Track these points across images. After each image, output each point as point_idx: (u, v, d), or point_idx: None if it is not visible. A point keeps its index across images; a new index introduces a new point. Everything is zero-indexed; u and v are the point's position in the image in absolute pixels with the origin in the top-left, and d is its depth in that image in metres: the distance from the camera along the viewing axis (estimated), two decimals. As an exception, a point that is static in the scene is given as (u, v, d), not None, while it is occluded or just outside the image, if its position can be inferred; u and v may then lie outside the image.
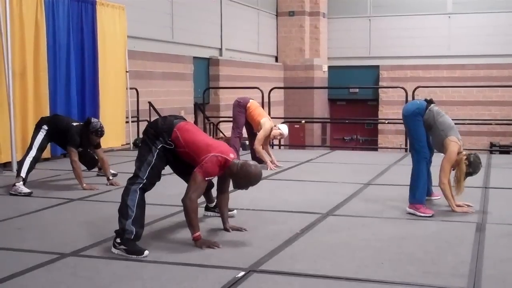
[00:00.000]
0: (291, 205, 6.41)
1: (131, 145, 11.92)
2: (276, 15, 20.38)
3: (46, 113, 9.30)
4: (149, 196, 4.96)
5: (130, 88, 11.92)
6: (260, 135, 9.26)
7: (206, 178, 4.80)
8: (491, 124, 17.36)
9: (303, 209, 6.21)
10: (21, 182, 7.30)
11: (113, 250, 4.68)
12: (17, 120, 9.14)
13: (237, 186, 4.96)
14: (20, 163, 7.49)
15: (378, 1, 20.72)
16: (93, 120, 7.62)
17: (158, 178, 4.99)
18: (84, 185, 7.43)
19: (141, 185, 4.83)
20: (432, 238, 5.08)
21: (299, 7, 20.13)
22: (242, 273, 4.14)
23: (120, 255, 4.58)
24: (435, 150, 6.38)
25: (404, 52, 20.33)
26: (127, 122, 11.84)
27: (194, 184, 4.76)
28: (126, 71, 11.72)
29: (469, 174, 6.02)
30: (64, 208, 6.44)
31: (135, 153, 5.19)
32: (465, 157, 5.99)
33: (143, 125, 5.43)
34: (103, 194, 7.16)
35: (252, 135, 9.63)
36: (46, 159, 9.52)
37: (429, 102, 6.16)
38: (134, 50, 12.43)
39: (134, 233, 4.65)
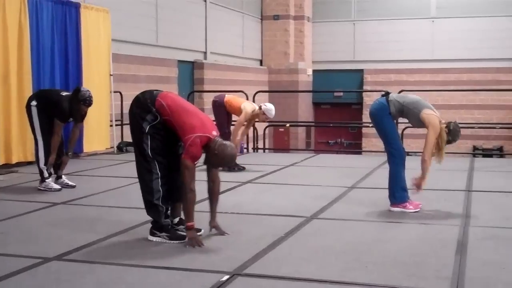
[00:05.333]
0: (275, 209, 6.41)
1: (115, 148, 11.87)
2: (261, 19, 20.40)
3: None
4: (133, 199, 4.96)
5: (114, 92, 11.88)
6: (241, 118, 9.16)
7: (195, 162, 4.87)
8: (474, 127, 17.47)
9: (288, 212, 6.21)
10: (50, 179, 7.48)
11: (152, 238, 5.05)
12: (0, 123, 9.07)
13: (208, 162, 5.00)
14: (36, 159, 7.54)
15: (362, 6, 20.80)
16: (82, 88, 7.59)
17: (167, 157, 5.06)
18: (52, 156, 7.43)
19: (159, 179, 5.01)
20: (415, 241, 5.10)
21: (283, 11, 20.17)
22: (226, 277, 4.14)
23: (103, 260, 4.56)
24: (409, 153, 6.47)
25: (388, 56, 20.42)
26: (111, 125, 11.80)
27: (188, 173, 4.82)
28: (110, 75, 11.68)
29: (449, 141, 6.16)
30: (48, 212, 6.40)
31: (119, 156, 5.19)
32: (445, 125, 6.13)
33: (127, 129, 5.43)
34: (87, 198, 7.12)
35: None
36: (30, 163, 9.46)
37: (386, 94, 6.29)
38: (118, 53, 12.39)
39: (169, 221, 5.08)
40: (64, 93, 7.67)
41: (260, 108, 9.26)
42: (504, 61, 19.39)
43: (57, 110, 7.38)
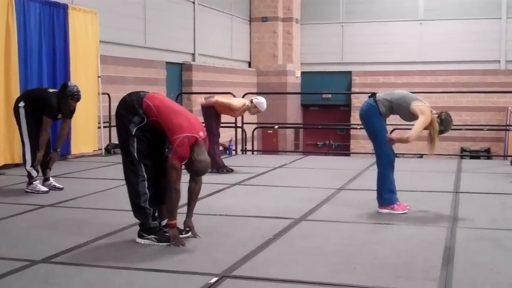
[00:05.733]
0: (264, 211, 6.41)
1: (103, 150, 11.83)
2: (249, 21, 20.41)
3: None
4: (121, 202, 4.94)
5: (102, 93, 11.84)
6: (234, 105, 9.20)
7: (182, 162, 4.90)
8: (461, 129, 17.55)
9: (276, 214, 6.21)
10: (38, 181, 7.45)
11: (140, 240, 5.05)
12: (-13, 125, 9.04)
13: (185, 166, 5.01)
14: (24, 161, 7.51)
15: (351, 8, 20.86)
16: (70, 83, 7.58)
17: (153, 159, 5.06)
18: (40, 153, 7.40)
19: (145, 181, 5.00)
20: (403, 242, 5.12)
21: (272, 13, 20.19)
22: (215, 279, 4.13)
23: (91, 262, 4.55)
24: (397, 155, 6.50)
25: (376, 58, 20.50)
26: (99, 127, 11.76)
27: (174, 173, 4.85)
28: (98, 76, 11.65)
29: (441, 131, 6.18)
30: (35, 215, 6.37)
31: (107, 158, 5.19)
32: (436, 115, 6.16)
33: (115, 131, 5.41)
34: (74, 200, 7.09)
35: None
36: (17, 165, 9.41)
37: (373, 95, 6.32)
38: (106, 55, 12.35)
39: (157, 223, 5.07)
40: (51, 90, 7.67)
41: (251, 101, 9.26)
42: (491, 63, 19.52)
43: (46, 106, 7.34)
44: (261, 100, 9.28)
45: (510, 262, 4.56)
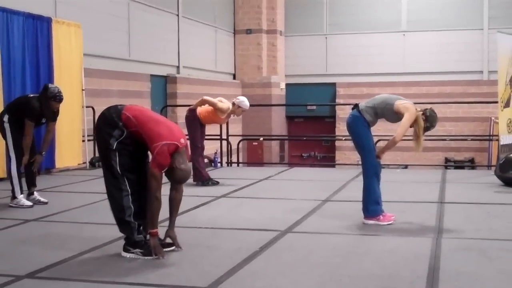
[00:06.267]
0: (250, 223, 6.40)
1: (88, 164, 11.78)
2: (234, 33, 20.45)
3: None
4: (106, 216, 4.91)
5: (87, 107, 11.80)
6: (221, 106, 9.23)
7: (162, 170, 4.90)
8: (445, 139, 17.66)
9: (262, 226, 6.21)
10: (22, 195, 7.41)
11: (126, 254, 5.01)
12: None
13: (166, 174, 4.99)
14: (9, 175, 7.49)
15: (335, 19, 20.96)
16: (50, 85, 7.57)
17: (136, 173, 5.05)
18: (26, 157, 7.37)
19: (129, 195, 4.98)
20: (389, 253, 5.13)
21: (256, 25, 20.25)
22: (201, 292, 4.12)
23: (76, 277, 4.51)
24: (383, 166, 6.52)
25: (360, 69, 20.59)
26: (83, 141, 11.71)
27: (155, 181, 4.86)
28: (82, 89, 11.62)
29: (427, 128, 6.23)
30: (19, 229, 6.31)
31: (92, 172, 5.18)
32: (421, 112, 6.19)
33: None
34: (59, 214, 7.04)
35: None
36: (1, 179, 9.34)
37: (355, 106, 6.37)
38: (90, 68, 12.31)
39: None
40: (32, 95, 7.67)
41: (233, 104, 9.26)
42: (474, 73, 19.67)
43: (28, 110, 7.32)
44: (242, 99, 9.35)
45: (495, 272, 4.58)
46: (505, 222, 6.38)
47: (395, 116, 6.22)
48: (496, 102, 10.66)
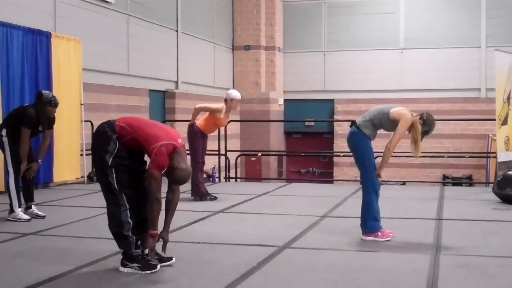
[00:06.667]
0: (248, 238, 6.40)
1: (86, 178, 11.76)
2: (232, 49, 20.52)
3: None
4: (104, 230, 4.90)
5: (85, 121, 11.81)
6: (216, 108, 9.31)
7: (162, 171, 4.90)
8: (443, 156, 17.68)
9: (260, 242, 6.20)
10: (20, 209, 7.41)
11: (123, 269, 4.98)
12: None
13: (165, 174, 5.00)
14: (7, 189, 7.48)
15: (333, 36, 21.04)
16: (44, 91, 7.61)
17: (134, 188, 5.04)
18: (23, 164, 7.38)
19: (127, 211, 4.97)
20: (387, 270, 5.12)
21: (255, 41, 20.33)
22: (199, 308, 4.11)
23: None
24: (381, 182, 6.53)
25: (358, 86, 20.65)
26: (81, 155, 11.71)
27: (154, 183, 4.87)
28: (81, 104, 11.63)
29: (425, 132, 6.21)
30: (17, 243, 6.30)
31: (90, 186, 5.18)
32: (418, 117, 6.19)
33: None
34: (57, 228, 7.03)
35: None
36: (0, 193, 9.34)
37: (353, 123, 6.40)
38: (89, 82, 12.34)
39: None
40: (27, 104, 7.68)
41: (225, 100, 9.33)
42: (472, 91, 19.75)
43: (24, 117, 7.33)
44: (230, 91, 9.47)
45: (493, 289, 4.58)
46: (503, 239, 6.38)
47: (392, 123, 6.25)
48: (494, 119, 10.70)
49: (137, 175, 5.12)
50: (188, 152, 9.47)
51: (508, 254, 5.71)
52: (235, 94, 9.36)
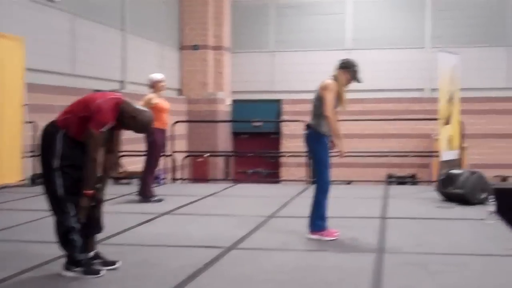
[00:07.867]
0: (194, 240, 6.37)
1: (28, 181, 11.51)
2: (180, 49, 20.42)
3: None
4: (47, 233, 4.81)
5: (29, 122, 11.56)
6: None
7: (102, 129, 4.78)
8: (388, 156, 17.94)
9: (206, 243, 6.18)
10: None
11: (67, 273, 4.87)
12: None
13: (120, 127, 4.97)
14: None
15: (281, 37, 21.14)
16: None
17: (79, 195, 4.89)
18: None
19: (73, 216, 4.85)
20: (333, 269, 5.17)
21: (202, 41, 20.25)
22: (144, 311, 4.07)
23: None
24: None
25: (306, 86, 20.69)
26: (23, 157, 11.46)
27: (92, 142, 4.76)
28: (24, 104, 11.38)
29: (353, 74, 7.03)
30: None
31: (32, 189, 5.07)
32: (337, 73, 6.90)
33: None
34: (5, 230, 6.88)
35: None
36: None
37: (307, 126, 6.58)
38: (33, 83, 12.09)
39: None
40: None
41: (153, 87, 9.54)
42: (416, 91, 20.10)
43: None
44: (150, 76, 9.70)
45: (435, 286, 4.66)
46: (445, 237, 6.51)
47: (323, 100, 6.49)
48: (438, 119, 10.91)
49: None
50: (145, 152, 9.35)
51: (450, 251, 5.84)
52: (156, 75, 9.59)
